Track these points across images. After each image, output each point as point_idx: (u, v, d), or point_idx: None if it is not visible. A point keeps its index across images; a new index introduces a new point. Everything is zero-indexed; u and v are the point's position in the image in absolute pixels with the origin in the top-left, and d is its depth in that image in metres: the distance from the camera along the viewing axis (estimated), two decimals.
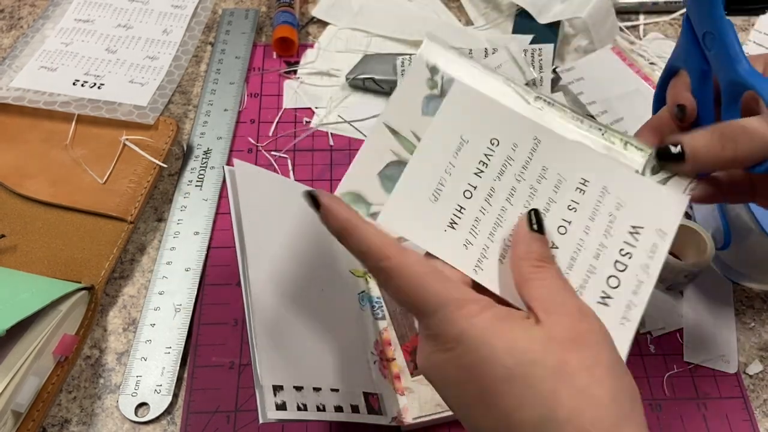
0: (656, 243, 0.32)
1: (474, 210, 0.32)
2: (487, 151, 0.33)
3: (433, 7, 0.69)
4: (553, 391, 0.25)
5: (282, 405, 0.35)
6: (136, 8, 0.65)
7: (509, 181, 0.32)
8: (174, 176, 0.55)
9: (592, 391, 0.26)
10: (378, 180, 0.32)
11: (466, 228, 0.31)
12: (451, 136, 0.33)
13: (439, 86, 0.34)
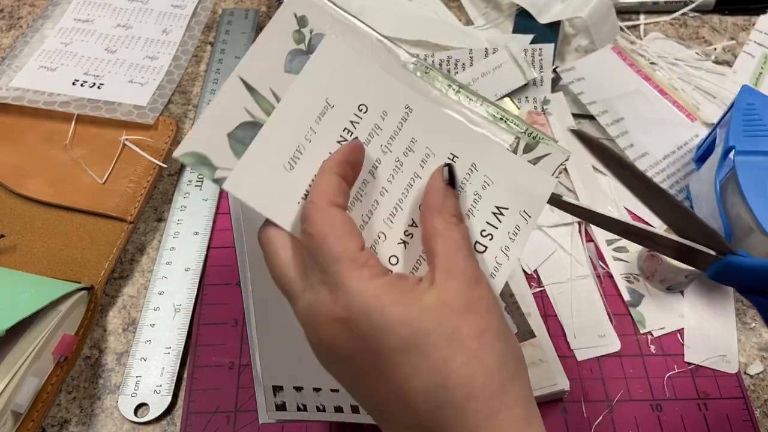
0: (519, 225, 0.30)
1: None
2: (354, 117, 0.30)
3: (433, 7, 0.69)
4: (446, 359, 0.26)
5: (282, 405, 0.35)
6: (135, 8, 0.65)
7: (374, 153, 0.30)
8: (174, 176, 0.55)
9: (482, 357, 0.26)
10: (227, 141, 0.29)
11: None
12: (316, 98, 0.30)
13: (307, 41, 0.30)
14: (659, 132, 0.57)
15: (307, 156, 0.29)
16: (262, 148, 0.29)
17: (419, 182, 0.30)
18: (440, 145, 0.31)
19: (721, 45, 0.66)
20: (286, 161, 0.29)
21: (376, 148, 0.30)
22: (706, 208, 0.50)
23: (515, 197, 0.31)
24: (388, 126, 0.31)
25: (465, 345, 0.26)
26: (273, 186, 0.29)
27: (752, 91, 0.50)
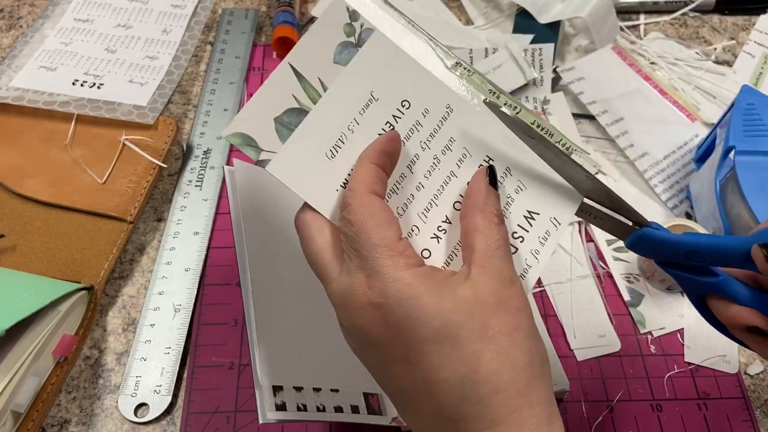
0: (549, 230, 0.31)
1: None
2: (396, 112, 0.31)
3: (433, 7, 0.69)
4: (476, 353, 0.26)
5: (282, 405, 0.35)
6: (135, 8, 0.65)
7: (413, 148, 0.31)
8: (174, 176, 0.55)
9: (511, 354, 0.27)
10: (273, 125, 0.30)
11: None
12: (361, 90, 0.31)
13: (357, 34, 0.31)
14: (659, 132, 0.57)
15: (349, 146, 0.30)
16: (306, 134, 0.30)
17: (455, 181, 0.31)
18: (477, 148, 0.32)
19: (721, 45, 0.66)
20: (328, 149, 0.30)
21: (415, 144, 0.31)
22: (706, 208, 0.50)
23: (546, 204, 0.32)
24: (429, 124, 0.31)
25: (495, 341, 0.27)
26: (313, 172, 0.30)
27: (752, 91, 0.50)
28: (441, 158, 0.31)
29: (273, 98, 0.30)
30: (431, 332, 0.27)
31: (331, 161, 0.30)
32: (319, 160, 0.30)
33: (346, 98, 0.30)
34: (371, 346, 0.28)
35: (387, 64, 0.31)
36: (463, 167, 0.31)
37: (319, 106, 0.30)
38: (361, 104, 0.31)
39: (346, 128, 0.30)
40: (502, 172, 0.32)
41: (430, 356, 0.27)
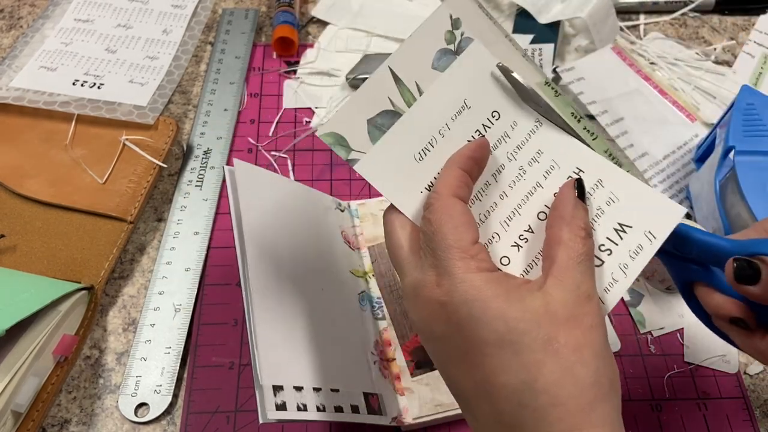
0: (642, 245, 0.30)
1: None
2: (486, 122, 0.32)
3: (433, 7, 0.69)
4: (538, 362, 0.26)
5: (282, 405, 0.35)
6: (135, 8, 0.65)
7: (500, 158, 0.32)
8: (174, 176, 0.55)
9: (575, 369, 0.26)
10: (366, 126, 0.31)
11: None
12: (455, 97, 0.32)
13: (457, 42, 0.32)
14: (659, 132, 0.57)
15: (437, 150, 0.31)
16: (397, 136, 0.31)
17: (540, 191, 0.31)
18: (566, 160, 0.32)
19: (721, 45, 0.66)
20: (417, 152, 0.31)
21: (502, 154, 0.32)
22: (706, 208, 0.50)
23: (641, 217, 0.31)
24: (517, 135, 0.32)
25: (560, 354, 0.26)
26: (400, 173, 0.31)
27: (752, 91, 0.50)
28: (527, 169, 0.32)
29: (369, 100, 0.31)
30: (493, 336, 0.27)
31: (418, 164, 0.31)
32: (407, 162, 0.31)
33: (440, 103, 0.31)
34: (435, 342, 0.29)
35: (482, 74, 0.32)
36: (550, 178, 0.31)
37: (414, 109, 0.31)
38: (454, 110, 0.31)
39: (437, 132, 0.31)
40: (593, 183, 0.31)
41: (490, 359, 0.27)
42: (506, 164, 0.32)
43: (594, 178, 0.31)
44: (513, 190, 0.31)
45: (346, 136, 0.30)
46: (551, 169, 0.32)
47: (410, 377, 0.43)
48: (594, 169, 0.32)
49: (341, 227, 0.49)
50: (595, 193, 0.31)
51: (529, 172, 0.32)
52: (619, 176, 0.32)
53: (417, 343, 0.45)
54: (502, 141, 0.32)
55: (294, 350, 0.38)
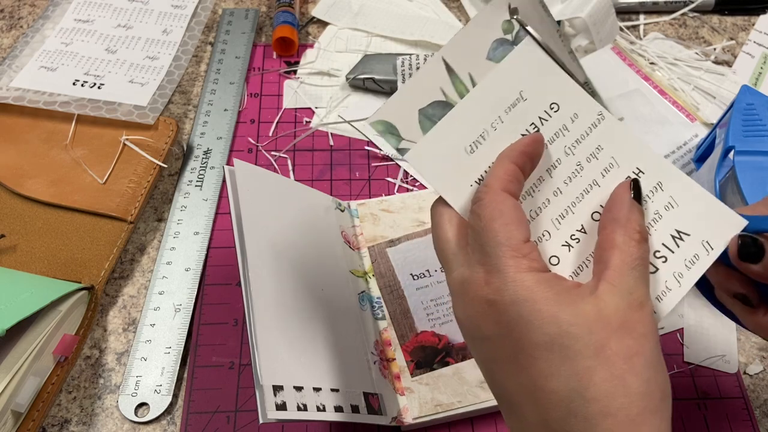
0: (698, 254, 0.29)
1: None
2: (544, 114, 0.31)
3: (433, 7, 0.69)
4: (589, 369, 0.25)
5: (282, 405, 0.35)
6: (135, 8, 0.65)
7: (556, 152, 0.30)
8: (174, 176, 0.55)
9: (626, 379, 0.25)
10: (417, 116, 0.30)
11: None
12: (511, 88, 0.31)
13: (514, 32, 0.31)
14: (659, 132, 0.57)
15: (489, 143, 0.30)
16: (448, 127, 0.30)
17: (597, 190, 0.30)
18: (627, 158, 0.30)
19: (721, 45, 0.66)
20: (468, 144, 0.30)
21: (558, 149, 0.30)
22: None
23: (700, 225, 0.29)
24: (577, 129, 0.31)
25: (611, 362, 0.26)
26: (450, 165, 0.30)
27: (752, 91, 0.51)
28: (585, 165, 0.30)
29: (421, 90, 0.30)
30: (544, 338, 0.26)
31: (469, 156, 0.30)
32: (458, 154, 0.30)
33: (494, 95, 0.30)
34: (482, 341, 0.28)
35: (540, 66, 0.31)
36: (608, 177, 0.30)
37: (466, 100, 0.30)
38: (509, 102, 0.30)
39: (489, 125, 0.30)
40: (653, 186, 0.30)
41: (540, 363, 0.26)
42: (563, 159, 0.30)
43: (654, 180, 0.30)
44: (568, 186, 0.30)
45: (397, 125, 0.30)
46: (610, 167, 0.30)
47: (410, 377, 0.43)
48: (654, 170, 0.30)
49: (341, 227, 0.49)
50: (654, 197, 0.30)
51: (587, 168, 0.30)
52: (680, 180, 0.30)
53: (417, 343, 0.45)
54: (559, 134, 0.30)
55: (294, 350, 0.38)
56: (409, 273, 0.48)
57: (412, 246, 0.49)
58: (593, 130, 0.31)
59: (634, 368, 0.26)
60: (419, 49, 0.65)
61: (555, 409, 0.26)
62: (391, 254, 0.49)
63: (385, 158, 0.57)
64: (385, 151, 0.57)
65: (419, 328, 0.45)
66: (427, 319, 0.46)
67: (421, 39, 0.64)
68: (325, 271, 0.45)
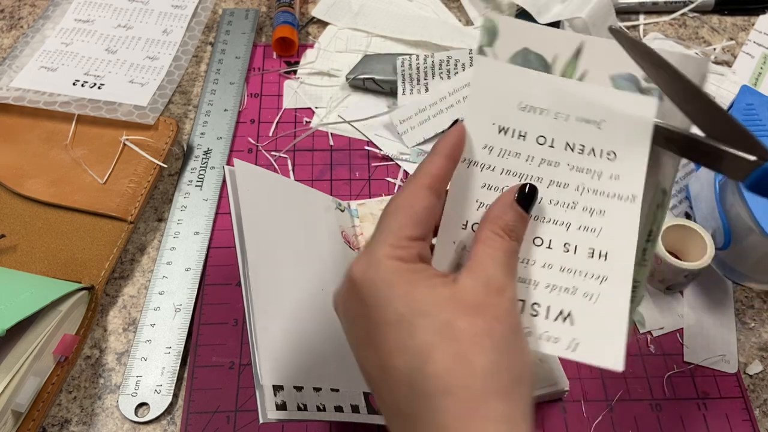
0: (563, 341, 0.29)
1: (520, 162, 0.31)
2: (592, 150, 0.31)
3: (433, 7, 0.69)
4: (431, 345, 0.25)
5: (282, 405, 0.35)
6: (136, 8, 0.65)
7: (561, 192, 0.31)
8: (174, 176, 0.55)
9: (470, 357, 0.25)
10: (520, 48, 0.32)
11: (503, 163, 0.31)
12: (600, 108, 0.31)
13: (650, 86, 0.31)
14: None
15: (538, 120, 0.31)
16: (523, 79, 0.31)
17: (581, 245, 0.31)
18: (616, 241, 0.30)
19: (721, 45, 0.66)
20: (522, 102, 0.31)
21: (572, 187, 0.31)
22: (706, 208, 0.50)
23: (588, 322, 0.30)
24: (604, 187, 0.31)
25: (456, 339, 0.26)
26: (497, 103, 0.31)
27: (751, 91, 0.51)
28: (576, 221, 0.31)
29: (543, 40, 0.31)
30: (395, 316, 0.26)
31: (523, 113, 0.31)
32: (507, 106, 0.31)
33: (580, 98, 0.31)
34: (346, 322, 0.29)
35: (640, 125, 0.31)
36: (581, 232, 0.31)
37: (557, 80, 0.31)
38: (586, 114, 0.31)
39: (552, 117, 0.31)
40: (600, 253, 0.30)
41: (389, 341, 0.26)
42: (560, 194, 0.31)
43: (605, 251, 0.30)
44: (553, 213, 0.31)
45: (500, 37, 0.31)
46: (591, 229, 0.30)
47: None
48: (618, 269, 0.30)
49: (341, 227, 0.49)
50: (593, 258, 0.30)
51: (575, 225, 0.30)
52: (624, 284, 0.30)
53: None
54: (588, 174, 0.31)
55: (294, 350, 0.38)
56: None
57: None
58: (614, 201, 0.30)
59: (481, 347, 0.25)
60: (419, 49, 0.65)
61: (400, 387, 0.26)
62: None
63: (385, 158, 0.57)
64: (385, 151, 0.57)
65: None
66: None
67: (421, 39, 0.64)
68: (325, 270, 0.45)
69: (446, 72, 0.59)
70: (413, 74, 0.59)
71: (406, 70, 0.59)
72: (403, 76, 0.59)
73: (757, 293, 0.50)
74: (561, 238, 0.30)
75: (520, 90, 0.31)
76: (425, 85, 0.59)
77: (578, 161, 0.31)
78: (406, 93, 0.59)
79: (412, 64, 0.59)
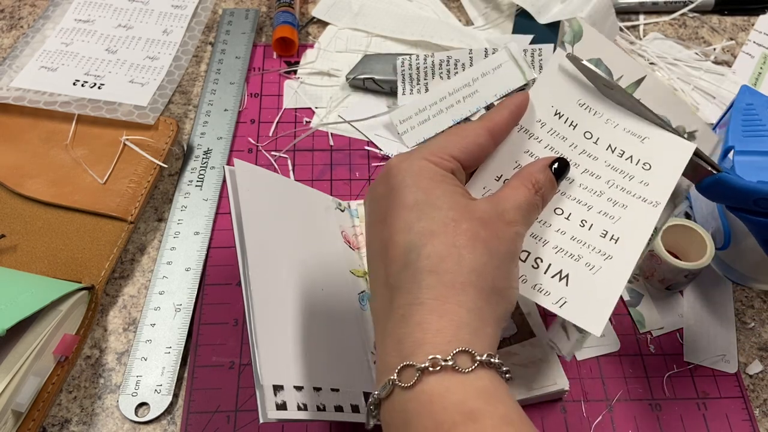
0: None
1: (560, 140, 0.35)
2: (623, 152, 0.36)
3: (433, 7, 0.69)
4: (432, 232, 0.29)
5: (282, 405, 0.35)
6: (136, 8, 0.65)
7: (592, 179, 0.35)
8: (174, 176, 0.55)
9: (463, 252, 0.28)
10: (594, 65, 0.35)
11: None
12: (641, 124, 0.36)
13: (690, 132, 0.37)
14: None
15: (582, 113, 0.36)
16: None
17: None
18: (631, 231, 0.34)
19: (721, 45, 0.66)
20: (580, 99, 0.36)
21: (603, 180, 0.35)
22: (706, 208, 0.50)
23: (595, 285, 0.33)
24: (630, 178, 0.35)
25: (456, 234, 0.29)
26: (558, 87, 0.36)
27: (751, 91, 0.51)
28: (602, 200, 0.34)
29: (613, 57, 0.36)
30: (411, 200, 0.30)
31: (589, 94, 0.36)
32: (571, 91, 0.36)
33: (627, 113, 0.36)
34: (369, 203, 0.33)
35: (679, 161, 0.35)
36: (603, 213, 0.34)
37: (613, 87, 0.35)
38: (631, 129, 0.36)
39: (597, 117, 0.36)
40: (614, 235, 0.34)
41: (400, 220, 0.29)
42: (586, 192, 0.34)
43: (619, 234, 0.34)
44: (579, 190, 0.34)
45: (582, 41, 0.35)
46: (611, 216, 0.34)
47: None
48: (623, 248, 0.33)
49: (341, 227, 0.49)
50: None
51: (600, 201, 0.34)
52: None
53: None
54: (621, 174, 0.35)
55: (294, 350, 0.38)
56: None
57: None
58: (638, 199, 0.34)
59: (476, 249, 0.29)
60: (419, 49, 0.65)
61: (396, 261, 0.29)
62: None
63: (385, 158, 0.57)
64: (385, 151, 0.57)
65: None
66: None
67: (421, 39, 0.64)
68: (325, 270, 0.45)
69: (446, 72, 0.59)
70: (413, 74, 0.59)
71: (406, 70, 0.59)
72: (403, 76, 0.59)
73: (757, 293, 0.50)
74: (581, 214, 0.34)
75: (585, 91, 0.35)
76: (425, 85, 0.59)
77: (615, 161, 0.35)
78: (406, 93, 0.59)
79: (412, 64, 0.59)
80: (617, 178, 0.34)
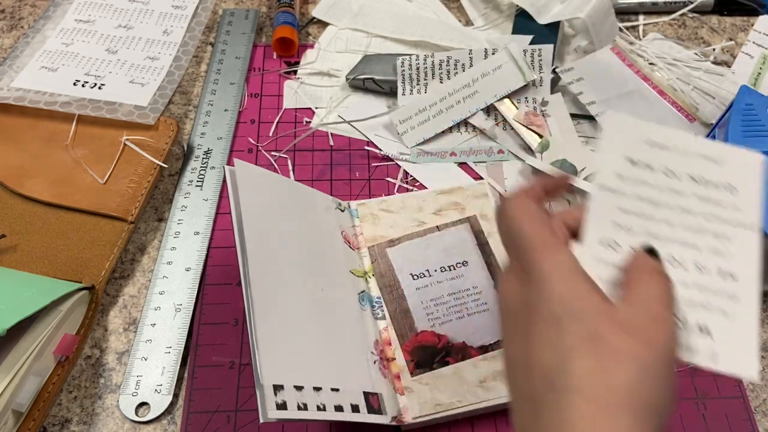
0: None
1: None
2: (720, 205, 0.34)
3: (433, 7, 0.69)
4: (575, 349, 0.26)
5: (282, 404, 0.35)
6: (136, 9, 0.65)
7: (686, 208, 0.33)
8: (174, 176, 0.55)
9: (612, 372, 0.26)
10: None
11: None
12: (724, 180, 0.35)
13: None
14: None
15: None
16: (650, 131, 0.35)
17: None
18: (739, 266, 0.32)
19: (720, 45, 0.66)
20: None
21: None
22: None
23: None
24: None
25: (600, 350, 0.26)
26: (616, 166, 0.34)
27: (751, 91, 0.51)
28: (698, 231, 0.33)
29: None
30: (549, 315, 0.28)
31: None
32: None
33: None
34: (505, 313, 0.31)
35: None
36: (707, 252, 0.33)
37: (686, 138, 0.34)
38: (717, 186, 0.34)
39: (692, 175, 0.34)
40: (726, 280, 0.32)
41: (538, 336, 0.28)
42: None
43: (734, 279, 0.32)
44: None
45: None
46: (720, 252, 0.33)
47: (410, 376, 0.43)
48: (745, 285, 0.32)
49: (341, 227, 0.49)
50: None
51: (705, 239, 0.33)
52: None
53: (417, 343, 0.45)
54: (712, 203, 0.33)
55: (294, 350, 0.38)
56: (409, 273, 0.48)
57: (412, 246, 0.49)
58: (737, 228, 0.33)
59: (626, 367, 0.26)
60: (419, 50, 0.65)
61: (538, 378, 0.27)
62: (391, 254, 0.49)
63: (385, 158, 0.57)
64: (385, 151, 0.57)
65: (419, 328, 0.45)
66: (426, 319, 0.46)
67: (421, 39, 0.64)
68: (325, 270, 0.45)
69: (446, 72, 0.59)
70: (413, 74, 0.59)
71: (406, 71, 0.59)
72: (403, 76, 0.59)
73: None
74: (694, 259, 0.32)
75: (647, 134, 0.34)
76: (425, 85, 0.59)
77: (703, 192, 0.33)
78: (406, 93, 0.59)
79: (412, 64, 0.59)
80: (711, 209, 0.33)
